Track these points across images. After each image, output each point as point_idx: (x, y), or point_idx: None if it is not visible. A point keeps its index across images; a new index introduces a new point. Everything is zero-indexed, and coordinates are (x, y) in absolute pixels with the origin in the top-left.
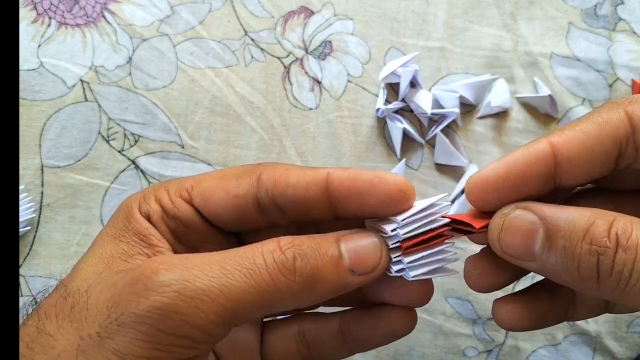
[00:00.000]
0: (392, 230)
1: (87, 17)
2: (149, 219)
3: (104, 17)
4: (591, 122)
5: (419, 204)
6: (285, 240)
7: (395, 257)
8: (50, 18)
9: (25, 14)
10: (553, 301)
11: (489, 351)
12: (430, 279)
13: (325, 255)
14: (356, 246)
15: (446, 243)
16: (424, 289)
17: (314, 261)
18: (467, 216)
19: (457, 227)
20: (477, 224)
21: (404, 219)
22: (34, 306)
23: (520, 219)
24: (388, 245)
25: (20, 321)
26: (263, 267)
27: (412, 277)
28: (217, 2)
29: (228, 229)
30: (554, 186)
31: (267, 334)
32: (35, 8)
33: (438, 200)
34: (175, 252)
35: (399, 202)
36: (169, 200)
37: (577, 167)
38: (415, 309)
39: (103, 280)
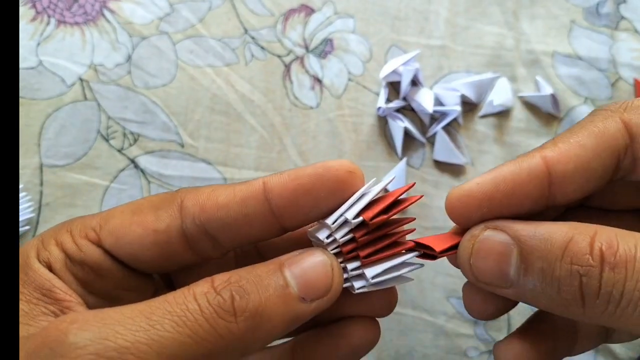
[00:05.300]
0: (328, 237)
1: (87, 15)
2: (50, 268)
3: (103, 15)
4: (587, 133)
5: (351, 199)
6: (220, 279)
7: (352, 270)
8: (49, 16)
9: (24, 12)
10: (554, 336)
11: (490, 351)
12: (394, 287)
13: (269, 286)
14: (302, 269)
15: (404, 254)
16: (388, 297)
17: (255, 296)
18: (433, 239)
19: (421, 250)
20: (439, 246)
21: (335, 221)
22: None
23: (491, 240)
24: (340, 260)
25: None
26: (198, 313)
27: (358, 289)
28: (216, 0)
29: (150, 271)
30: (545, 206)
31: None
32: (34, 6)
33: (366, 188)
34: (88, 305)
35: (350, 185)
36: (73, 244)
37: (573, 184)
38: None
39: None
